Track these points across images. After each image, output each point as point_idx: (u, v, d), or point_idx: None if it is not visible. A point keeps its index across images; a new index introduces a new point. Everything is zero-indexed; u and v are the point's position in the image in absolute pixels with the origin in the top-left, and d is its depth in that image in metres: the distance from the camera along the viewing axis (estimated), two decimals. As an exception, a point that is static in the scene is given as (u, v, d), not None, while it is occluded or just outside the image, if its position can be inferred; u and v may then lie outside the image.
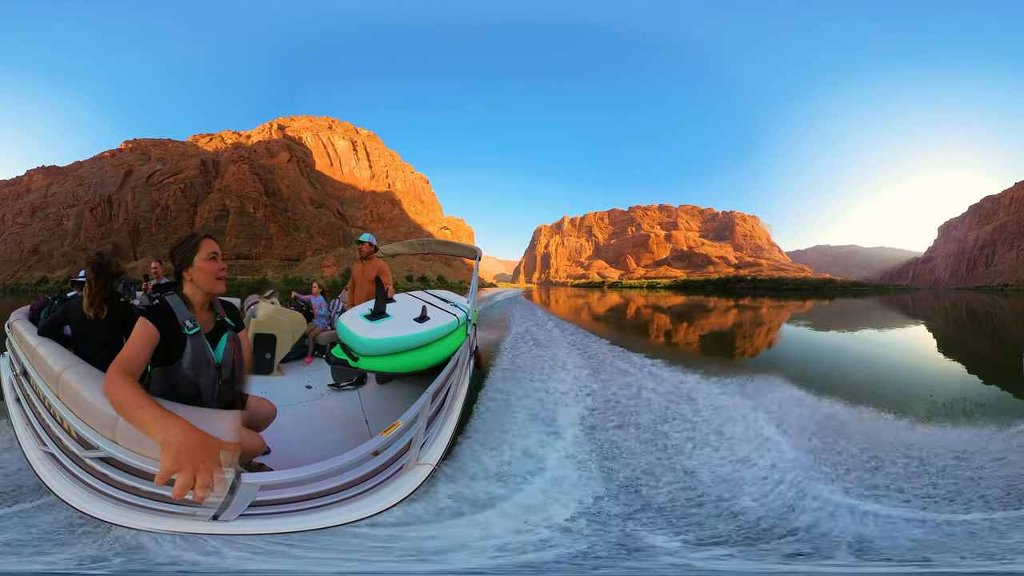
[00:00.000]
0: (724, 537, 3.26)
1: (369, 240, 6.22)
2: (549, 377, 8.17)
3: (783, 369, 9.31)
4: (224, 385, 2.53)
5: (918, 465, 4.49)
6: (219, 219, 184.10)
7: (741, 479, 4.20)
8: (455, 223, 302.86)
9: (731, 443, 5.05)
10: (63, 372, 2.66)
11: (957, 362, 12.48)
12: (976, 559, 2.98)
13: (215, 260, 2.49)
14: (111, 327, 3.43)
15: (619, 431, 5.43)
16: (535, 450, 4.70)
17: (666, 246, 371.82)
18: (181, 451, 1.82)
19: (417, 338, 4.31)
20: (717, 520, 3.50)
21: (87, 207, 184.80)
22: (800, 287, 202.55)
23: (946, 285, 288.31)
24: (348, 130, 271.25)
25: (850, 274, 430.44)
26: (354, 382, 5.33)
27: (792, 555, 3.05)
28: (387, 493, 2.80)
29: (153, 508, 2.36)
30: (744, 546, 3.14)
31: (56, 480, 2.61)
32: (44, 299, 4.71)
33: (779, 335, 20.36)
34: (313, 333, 6.68)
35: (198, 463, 1.82)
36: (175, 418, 1.93)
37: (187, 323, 2.36)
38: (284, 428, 3.92)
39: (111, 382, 2.05)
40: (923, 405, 6.76)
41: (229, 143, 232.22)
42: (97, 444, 2.32)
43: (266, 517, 2.52)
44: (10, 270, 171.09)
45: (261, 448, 2.78)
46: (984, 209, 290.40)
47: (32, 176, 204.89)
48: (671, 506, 3.70)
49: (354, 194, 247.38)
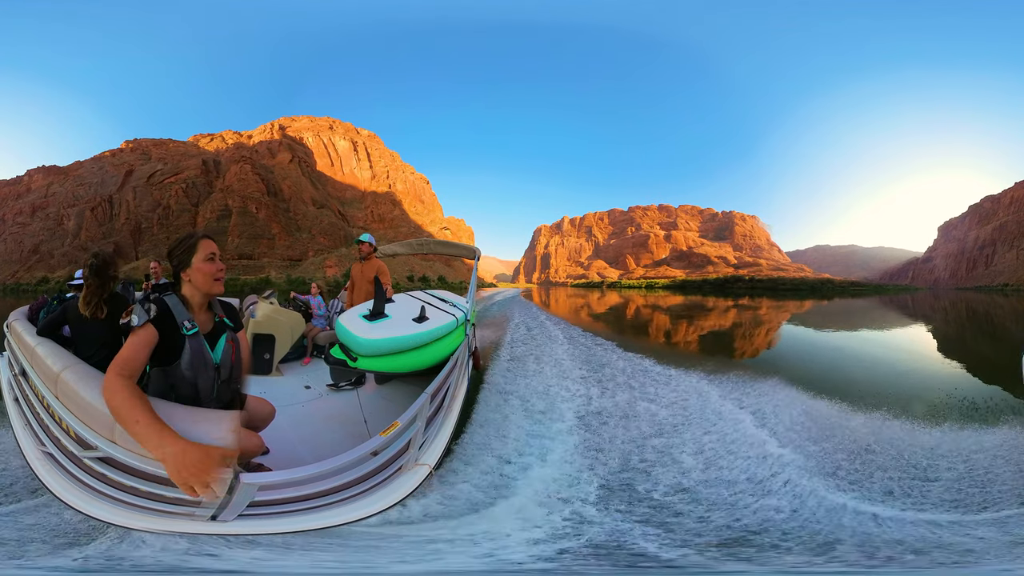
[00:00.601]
0: (722, 537, 3.26)
1: (369, 240, 6.22)
2: (547, 377, 8.17)
3: (780, 369, 9.34)
4: (223, 385, 2.53)
5: (914, 465, 4.51)
6: (221, 219, 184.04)
7: (738, 479, 4.21)
8: (455, 223, 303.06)
9: (728, 443, 5.06)
10: (62, 372, 2.66)
11: (955, 362, 12.48)
12: (973, 558, 2.99)
13: (213, 261, 2.48)
14: (110, 327, 3.43)
15: (617, 431, 5.44)
16: (533, 450, 4.71)
17: (665, 246, 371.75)
18: (180, 469, 1.92)
19: (416, 338, 4.31)
20: (714, 520, 3.50)
21: (88, 207, 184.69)
22: (797, 287, 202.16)
23: (946, 285, 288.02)
24: (349, 130, 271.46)
25: (850, 274, 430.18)
26: (353, 382, 5.33)
27: (790, 555, 3.05)
28: (386, 493, 2.81)
29: (151, 508, 2.36)
30: (741, 547, 3.14)
31: (55, 480, 2.61)
32: (43, 299, 4.71)
33: (777, 335, 20.41)
34: (312, 333, 6.68)
35: (198, 477, 1.92)
36: (170, 436, 1.97)
37: (186, 324, 2.36)
38: (283, 428, 3.93)
39: (110, 388, 2.06)
40: (921, 405, 6.76)
41: (230, 143, 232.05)
42: (96, 444, 2.33)
43: (265, 517, 2.52)
44: (10, 270, 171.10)
45: (260, 448, 2.77)
46: (984, 209, 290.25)
47: (32, 176, 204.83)
48: (668, 507, 3.71)
49: (355, 194, 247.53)
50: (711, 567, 2.94)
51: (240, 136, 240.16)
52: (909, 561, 2.97)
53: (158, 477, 2.26)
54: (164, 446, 1.94)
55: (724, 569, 2.93)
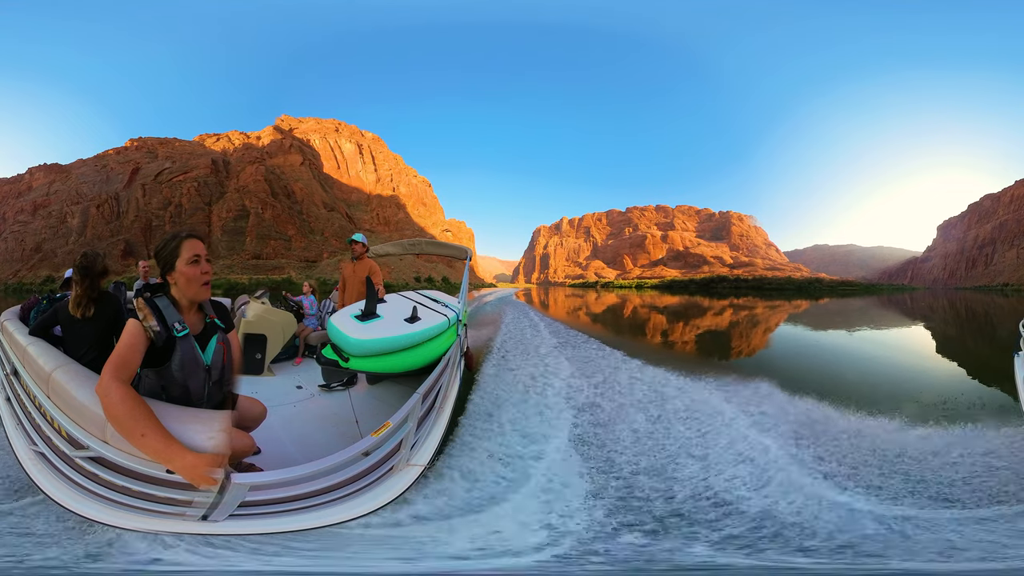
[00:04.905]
0: (720, 535, 3.28)
1: (361, 240, 6.25)
2: (540, 378, 8.17)
3: (769, 369, 9.38)
4: (214, 386, 2.53)
5: (910, 464, 4.52)
6: (238, 219, 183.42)
7: (736, 479, 4.22)
8: (456, 225, 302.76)
9: (720, 443, 5.07)
10: (53, 372, 2.67)
11: (952, 362, 12.51)
12: (966, 556, 3.01)
13: (197, 263, 2.41)
14: (100, 327, 3.45)
15: (609, 432, 5.44)
16: (526, 452, 4.70)
17: (662, 246, 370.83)
18: (195, 480, 2.07)
19: (408, 339, 4.31)
20: (711, 520, 3.51)
21: (93, 204, 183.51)
22: (783, 287, 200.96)
23: (945, 285, 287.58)
24: (354, 133, 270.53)
25: (848, 273, 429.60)
26: (344, 382, 5.34)
27: (785, 554, 3.07)
28: (377, 494, 2.82)
29: (143, 508, 2.37)
30: (740, 546, 3.16)
31: (46, 479, 2.62)
32: (34, 299, 4.72)
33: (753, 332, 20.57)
34: (304, 333, 6.69)
35: (211, 485, 2.12)
36: (177, 448, 2.06)
37: (176, 325, 2.35)
38: (274, 428, 3.93)
39: (111, 395, 2.05)
40: (913, 406, 6.77)
41: (237, 143, 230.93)
42: (87, 444, 2.34)
43: (256, 517, 2.53)
44: (12, 269, 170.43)
45: (251, 448, 2.79)
46: (984, 208, 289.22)
47: (34, 174, 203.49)
48: (664, 507, 3.71)
49: (360, 197, 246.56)
50: (709, 567, 2.96)
51: (247, 137, 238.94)
52: (908, 559, 3.00)
53: (150, 477, 2.28)
54: (173, 459, 2.04)
55: (722, 569, 2.95)
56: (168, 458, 2.04)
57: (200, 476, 2.05)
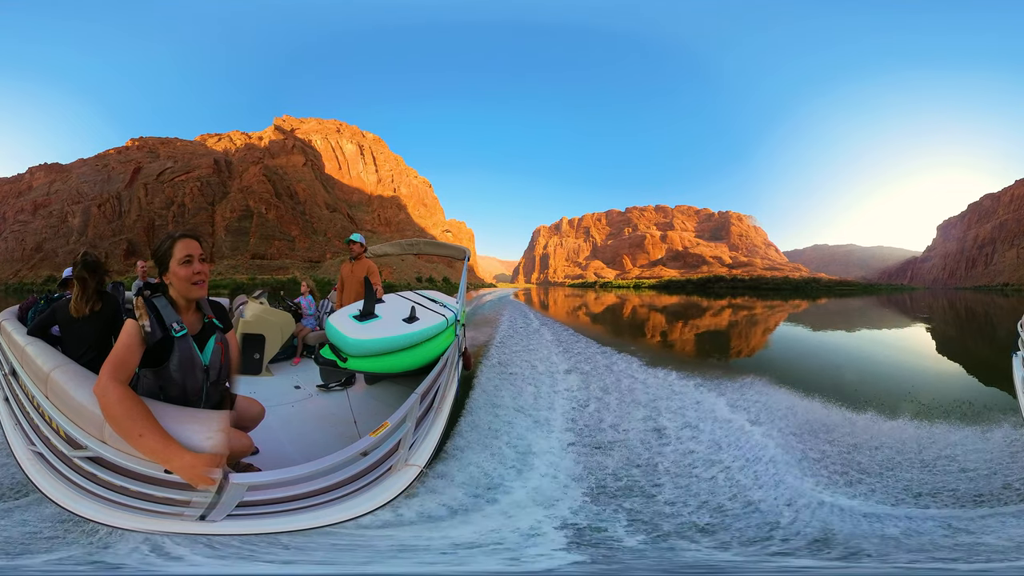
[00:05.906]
0: (718, 540, 3.28)
1: (359, 240, 6.25)
2: (538, 378, 8.17)
3: (767, 368, 9.36)
4: (212, 386, 2.53)
5: (907, 464, 4.53)
6: (242, 219, 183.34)
7: (731, 479, 4.22)
8: (456, 226, 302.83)
9: (720, 443, 5.08)
10: (51, 372, 2.66)
11: (952, 362, 12.52)
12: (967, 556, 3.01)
13: (190, 263, 2.40)
14: (98, 327, 3.45)
15: (607, 432, 5.45)
16: (524, 451, 4.71)
17: (662, 246, 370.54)
18: (194, 480, 2.07)
19: (406, 339, 4.29)
20: (711, 520, 3.52)
21: (94, 204, 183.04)
22: (779, 287, 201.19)
23: (945, 284, 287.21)
24: (355, 134, 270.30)
25: (848, 273, 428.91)
26: (343, 382, 5.33)
27: (784, 554, 3.07)
28: (375, 494, 2.81)
29: (141, 508, 2.37)
30: (738, 547, 3.16)
31: (44, 479, 2.62)
32: (33, 299, 4.71)
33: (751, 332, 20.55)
34: (302, 333, 6.67)
35: (209, 485, 2.12)
36: (176, 449, 2.06)
37: (174, 325, 2.34)
38: (272, 428, 3.92)
39: (110, 396, 2.06)
40: (912, 406, 6.78)
41: (239, 144, 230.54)
42: (85, 444, 2.34)
43: (254, 517, 2.53)
44: (12, 268, 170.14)
45: (249, 448, 2.79)
46: (984, 207, 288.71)
47: (34, 173, 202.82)
48: (663, 507, 3.72)
49: (361, 198, 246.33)
50: (709, 566, 2.96)
51: (249, 137, 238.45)
52: (907, 559, 3.00)
53: (148, 477, 2.27)
54: (171, 459, 2.04)
55: (722, 569, 2.95)
56: (166, 458, 2.05)
57: (198, 476, 2.04)
